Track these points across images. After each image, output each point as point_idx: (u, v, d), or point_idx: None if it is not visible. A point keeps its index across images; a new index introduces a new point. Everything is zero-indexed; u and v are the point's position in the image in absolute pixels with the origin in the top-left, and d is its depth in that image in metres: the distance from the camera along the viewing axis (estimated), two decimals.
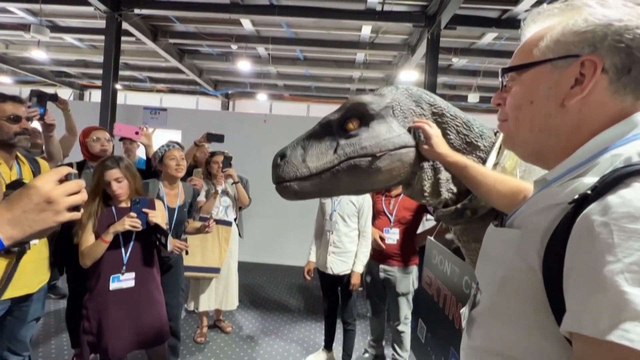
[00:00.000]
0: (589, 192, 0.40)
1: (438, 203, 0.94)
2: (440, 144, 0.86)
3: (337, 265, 2.27)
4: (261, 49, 5.59)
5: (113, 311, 1.54)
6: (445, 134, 0.91)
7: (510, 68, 0.53)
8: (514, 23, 4.02)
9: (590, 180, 0.43)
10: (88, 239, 1.55)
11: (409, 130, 0.89)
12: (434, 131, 0.87)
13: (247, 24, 4.65)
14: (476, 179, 0.81)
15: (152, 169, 2.12)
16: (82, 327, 1.55)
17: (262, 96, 8.40)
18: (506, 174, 0.86)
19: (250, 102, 8.87)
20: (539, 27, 0.52)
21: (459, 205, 0.89)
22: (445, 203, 0.93)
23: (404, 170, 0.89)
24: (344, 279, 2.29)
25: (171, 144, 2.10)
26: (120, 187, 1.60)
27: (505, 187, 0.76)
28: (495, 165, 0.89)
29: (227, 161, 2.70)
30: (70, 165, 2.03)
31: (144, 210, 1.59)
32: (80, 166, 2.05)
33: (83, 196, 0.59)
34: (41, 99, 1.83)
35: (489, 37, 4.65)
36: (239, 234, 3.54)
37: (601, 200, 0.38)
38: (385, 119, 0.89)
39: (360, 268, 2.26)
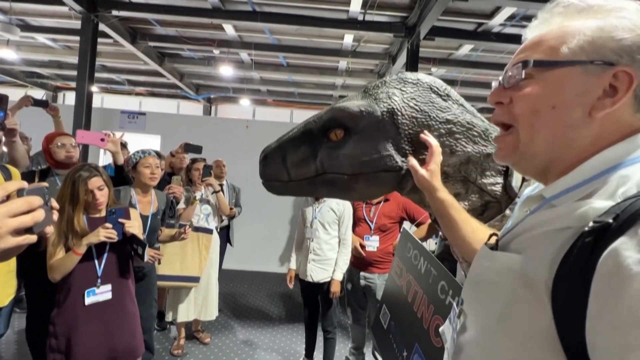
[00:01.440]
0: (610, 220, 0.35)
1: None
2: (437, 173, 0.75)
3: (317, 273, 2.27)
4: (244, 55, 5.56)
5: (85, 327, 1.47)
6: (454, 151, 0.79)
7: (537, 62, 0.44)
8: (488, 36, 4.20)
9: (601, 204, 0.38)
10: (57, 251, 1.48)
11: (411, 143, 0.78)
12: (437, 158, 0.75)
13: (229, 29, 4.62)
14: (457, 223, 0.71)
15: (123, 175, 2.05)
16: (48, 345, 1.47)
17: (245, 101, 8.34)
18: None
19: (233, 107, 8.78)
20: (560, 22, 0.46)
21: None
22: None
23: (383, 190, 0.84)
24: (324, 287, 2.29)
25: (147, 150, 2.04)
26: (103, 195, 1.56)
27: (478, 239, 0.67)
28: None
29: (207, 170, 2.70)
30: (32, 173, 1.93)
31: (120, 220, 1.54)
32: (44, 174, 1.93)
33: (35, 216, 0.49)
34: (0, 102, 1.74)
35: (466, 49, 4.82)
36: (229, 242, 3.50)
37: (632, 233, 0.33)
38: (372, 135, 0.77)
39: (339, 276, 2.26)
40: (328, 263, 2.27)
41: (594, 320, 0.34)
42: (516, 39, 4.12)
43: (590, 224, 0.36)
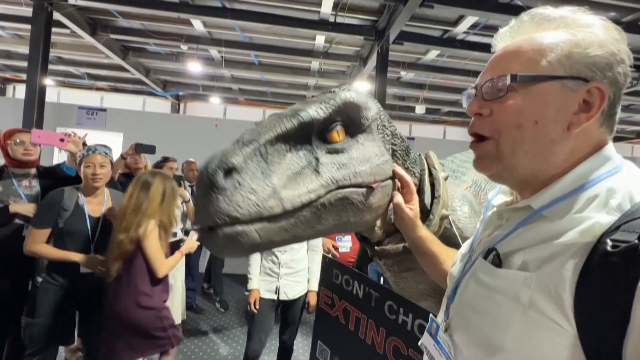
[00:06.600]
0: (636, 240, 0.35)
1: (375, 237, 0.80)
2: (417, 211, 0.71)
3: (291, 289, 2.05)
4: (214, 52, 5.42)
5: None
6: (395, 159, 0.75)
7: (522, 76, 0.44)
8: (453, 42, 4.38)
9: (605, 219, 0.39)
10: (160, 245, 1.67)
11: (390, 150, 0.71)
12: (415, 194, 0.71)
13: (198, 24, 4.48)
14: (436, 256, 0.69)
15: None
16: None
17: (215, 99, 8.12)
18: (446, 207, 0.81)
19: (203, 105, 8.52)
20: (531, 30, 0.46)
21: (407, 244, 0.76)
22: (378, 240, 0.80)
23: (385, 210, 0.71)
24: (297, 301, 2.11)
25: (98, 147, 1.78)
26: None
27: (448, 265, 0.64)
28: (438, 198, 0.79)
29: (177, 180, 2.63)
30: None
31: None
32: None
33: None
34: None
35: (433, 54, 5.01)
36: None
37: None
38: (374, 135, 0.67)
39: (317, 286, 2.16)
40: (301, 274, 2.11)
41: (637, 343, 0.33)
42: (479, 46, 4.34)
43: (610, 243, 0.36)
